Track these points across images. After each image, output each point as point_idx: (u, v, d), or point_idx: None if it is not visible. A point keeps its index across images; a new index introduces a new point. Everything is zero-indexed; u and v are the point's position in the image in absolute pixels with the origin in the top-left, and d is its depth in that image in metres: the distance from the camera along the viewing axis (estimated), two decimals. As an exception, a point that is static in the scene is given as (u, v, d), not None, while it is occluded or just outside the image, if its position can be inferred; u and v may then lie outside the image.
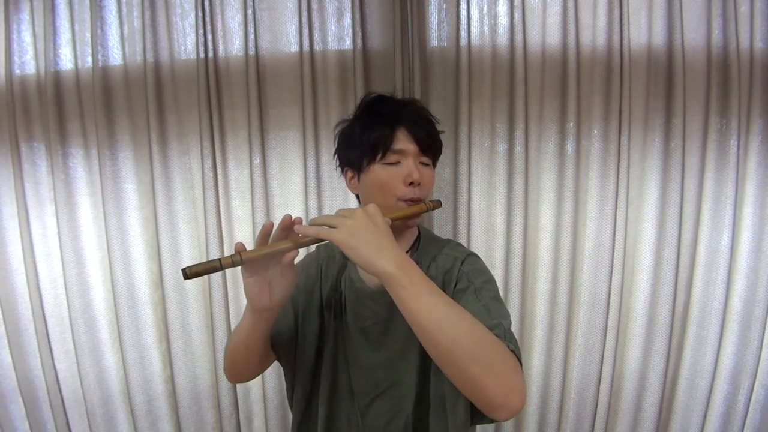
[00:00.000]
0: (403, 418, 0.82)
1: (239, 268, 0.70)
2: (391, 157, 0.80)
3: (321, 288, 0.89)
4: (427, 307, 0.61)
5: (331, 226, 0.65)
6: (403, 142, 0.80)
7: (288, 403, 0.95)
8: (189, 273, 0.65)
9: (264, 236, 0.70)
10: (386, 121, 0.80)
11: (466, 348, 0.60)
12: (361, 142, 0.81)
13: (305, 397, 0.90)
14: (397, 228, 0.81)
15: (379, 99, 0.87)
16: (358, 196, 0.89)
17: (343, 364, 0.86)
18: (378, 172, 0.80)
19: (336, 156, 0.89)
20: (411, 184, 0.79)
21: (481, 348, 0.60)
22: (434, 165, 0.87)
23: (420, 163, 0.82)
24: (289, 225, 0.69)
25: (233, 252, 0.69)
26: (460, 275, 0.80)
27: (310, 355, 0.88)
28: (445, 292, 0.78)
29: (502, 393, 0.60)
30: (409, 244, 0.87)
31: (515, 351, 0.65)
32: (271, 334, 0.84)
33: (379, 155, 0.80)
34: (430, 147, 0.83)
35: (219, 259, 0.67)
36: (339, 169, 0.90)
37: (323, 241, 0.68)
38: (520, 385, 0.61)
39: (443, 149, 1.34)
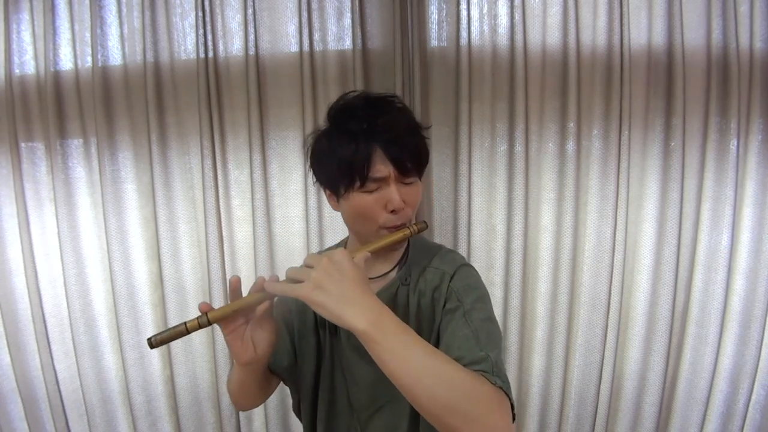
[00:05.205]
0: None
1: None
2: (370, 186, 0.72)
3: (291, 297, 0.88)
4: (402, 362, 0.59)
5: (299, 281, 0.63)
6: (381, 168, 0.71)
7: (294, 414, 0.95)
8: (154, 342, 0.64)
9: (234, 292, 0.69)
10: (359, 140, 0.70)
11: (445, 400, 0.57)
12: (334, 165, 0.73)
13: (310, 414, 0.90)
14: (383, 250, 0.76)
15: (348, 110, 0.75)
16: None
17: (341, 380, 0.85)
18: (357, 200, 0.73)
19: (311, 171, 0.82)
20: (393, 211, 0.73)
21: (461, 398, 0.58)
22: (421, 176, 0.78)
23: (403, 183, 0.74)
24: (261, 287, 0.68)
25: (202, 309, 0.68)
26: (449, 293, 0.77)
27: (310, 372, 0.87)
28: (434, 310, 0.78)
29: None
30: (397, 257, 0.83)
31: (503, 386, 0.63)
32: (272, 362, 0.84)
33: (357, 184, 0.72)
34: (412, 166, 0.73)
35: (185, 323, 0.65)
36: (316, 184, 0.82)
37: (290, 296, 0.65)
38: (504, 427, 0.59)
39: (443, 149, 1.37)
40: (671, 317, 1.39)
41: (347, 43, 1.35)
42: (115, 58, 1.35)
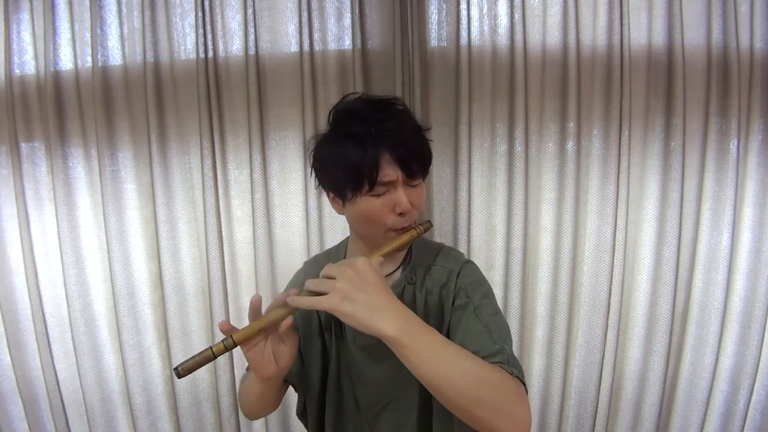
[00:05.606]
0: (409, 428, 0.82)
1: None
2: (378, 190, 0.72)
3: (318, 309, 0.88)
4: (432, 363, 0.61)
5: (322, 293, 0.63)
6: (389, 172, 0.71)
7: (298, 417, 0.95)
8: (182, 371, 0.64)
9: (255, 312, 0.69)
10: (365, 145, 0.70)
11: (473, 395, 0.61)
12: (341, 170, 0.73)
13: (317, 416, 0.90)
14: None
15: (352, 114, 0.75)
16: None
17: (347, 381, 0.86)
18: (364, 204, 0.74)
19: (313, 174, 0.81)
20: (401, 213, 0.75)
21: (487, 391, 0.62)
22: (425, 177, 0.79)
23: (409, 186, 0.75)
24: (283, 303, 0.68)
25: (224, 330, 0.68)
26: (458, 291, 0.78)
27: (316, 376, 0.88)
28: (443, 308, 0.79)
29: (510, 427, 0.62)
30: (401, 257, 0.84)
31: (519, 375, 0.66)
32: None
33: (365, 188, 0.72)
34: (418, 168, 0.74)
35: (210, 348, 0.65)
36: (319, 188, 0.82)
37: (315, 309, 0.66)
38: (525, 417, 0.63)
39: (443, 149, 1.37)
40: (671, 317, 1.39)
41: (347, 43, 1.35)
42: (115, 58, 1.35)
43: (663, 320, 1.40)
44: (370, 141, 0.71)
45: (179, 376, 0.64)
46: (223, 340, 0.66)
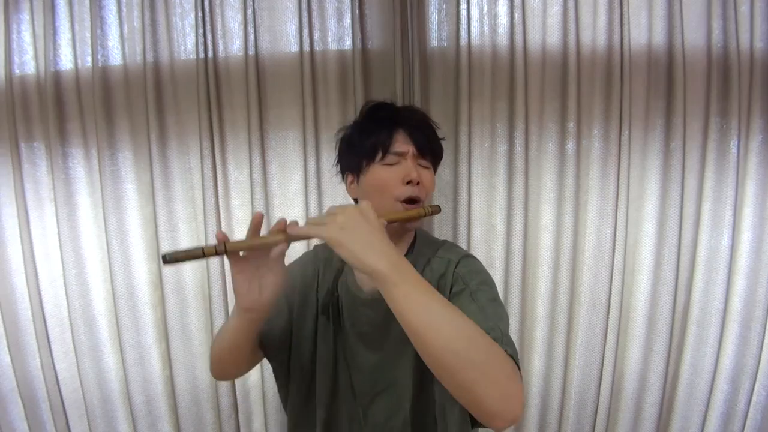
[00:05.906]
0: (401, 415, 0.82)
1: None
2: (390, 159, 0.81)
3: (317, 291, 0.89)
4: (419, 307, 0.59)
5: (321, 224, 0.64)
6: (402, 144, 0.81)
7: (282, 404, 0.94)
8: (169, 258, 0.64)
9: (254, 228, 0.69)
10: (385, 124, 0.82)
11: (460, 351, 0.57)
12: (360, 145, 0.83)
13: (302, 399, 0.90)
14: (395, 231, 0.80)
15: (378, 105, 0.89)
16: (356, 200, 0.89)
17: (344, 367, 0.86)
18: (376, 172, 0.82)
19: (337, 163, 0.92)
20: (409, 182, 0.80)
21: (476, 352, 0.57)
22: (435, 170, 0.87)
23: (419, 165, 0.83)
24: (283, 228, 0.68)
25: (219, 238, 0.68)
26: (455, 278, 0.79)
27: (306, 357, 0.88)
28: None
29: (498, 400, 0.57)
30: (405, 248, 0.86)
31: (513, 355, 0.63)
32: (262, 332, 0.83)
33: (378, 156, 0.81)
34: (428, 150, 0.84)
35: (202, 248, 0.65)
36: (340, 175, 0.92)
37: (312, 237, 0.67)
38: (517, 393, 0.58)
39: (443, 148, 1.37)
40: (671, 317, 1.39)
41: (347, 43, 1.35)
42: (115, 58, 1.35)
43: (663, 320, 1.40)
44: (388, 120, 0.83)
45: (165, 262, 0.64)
46: (215, 245, 0.66)
